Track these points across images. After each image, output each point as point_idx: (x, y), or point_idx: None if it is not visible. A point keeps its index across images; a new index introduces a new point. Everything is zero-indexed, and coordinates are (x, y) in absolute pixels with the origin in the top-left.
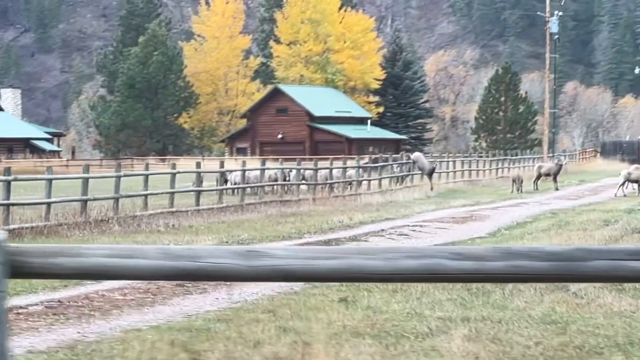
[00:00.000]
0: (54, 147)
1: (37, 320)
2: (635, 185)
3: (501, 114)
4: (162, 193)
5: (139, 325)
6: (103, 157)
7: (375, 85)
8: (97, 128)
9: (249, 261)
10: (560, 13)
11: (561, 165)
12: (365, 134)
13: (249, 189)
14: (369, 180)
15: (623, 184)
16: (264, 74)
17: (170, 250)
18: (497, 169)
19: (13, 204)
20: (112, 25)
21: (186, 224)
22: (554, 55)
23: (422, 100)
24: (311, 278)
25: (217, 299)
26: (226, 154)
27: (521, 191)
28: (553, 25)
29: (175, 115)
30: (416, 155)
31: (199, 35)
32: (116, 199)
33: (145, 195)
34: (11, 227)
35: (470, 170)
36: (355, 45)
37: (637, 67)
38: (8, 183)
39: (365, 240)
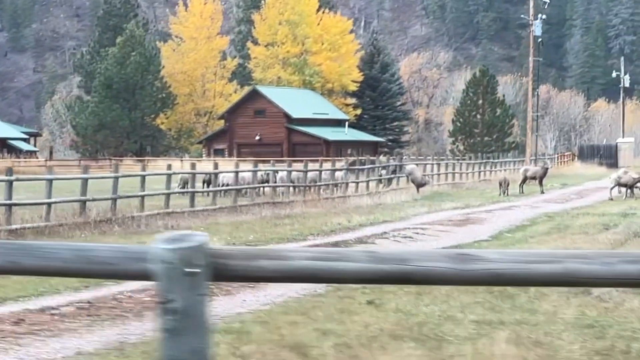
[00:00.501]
0: (31, 147)
1: (74, 321)
2: (623, 189)
3: (479, 116)
4: (159, 194)
5: None
6: (80, 157)
7: (353, 87)
8: (74, 128)
9: (462, 265)
10: (544, 16)
11: (547, 168)
12: (343, 136)
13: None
14: (357, 183)
15: (613, 187)
16: (241, 75)
17: (378, 253)
18: (479, 172)
19: (15, 204)
20: (85, 25)
21: (184, 225)
22: (538, 59)
23: (399, 103)
24: (524, 282)
25: (244, 300)
26: (204, 155)
27: (507, 194)
28: (537, 29)
29: (153, 116)
30: (411, 168)
31: (176, 36)
32: (114, 200)
33: (142, 197)
34: (13, 227)
35: (454, 173)
36: (333, 47)
37: (613, 70)
38: (10, 183)
39: (372, 243)
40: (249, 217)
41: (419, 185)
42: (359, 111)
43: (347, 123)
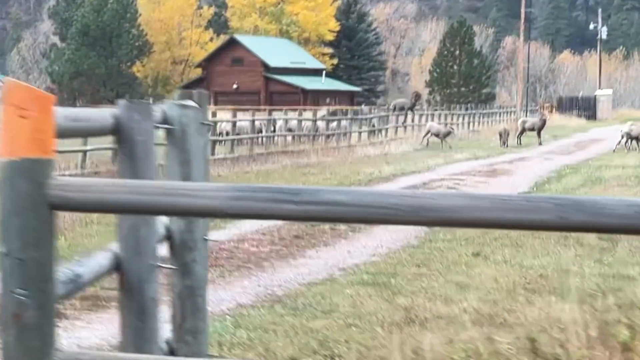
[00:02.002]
0: None
1: None
2: (622, 141)
3: (455, 67)
4: None
5: (308, 279)
6: (60, 104)
7: (330, 37)
8: (50, 75)
9: None
10: None
11: (545, 120)
12: (320, 86)
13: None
14: (359, 133)
15: (625, 141)
16: (217, 23)
17: None
18: (469, 122)
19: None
20: None
21: (214, 172)
22: (530, 10)
23: (375, 53)
24: None
25: (348, 251)
26: None
27: (507, 145)
28: None
29: (129, 63)
30: (430, 125)
31: None
32: None
33: None
34: None
35: (446, 123)
36: None
37: (591, 22)
38: None
39: None
40: (271, 166)
41: (445, 135)
42: (335, 61)
43: (324, 72)
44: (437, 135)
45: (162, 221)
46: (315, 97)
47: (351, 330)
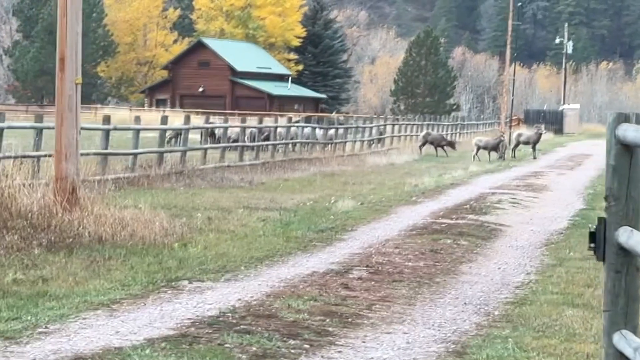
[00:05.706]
0: None
1: (393, 286)
2: None
3: (421, 77)
4: (218, 147)
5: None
6: (20, 103)
7: (296, 42)
8: (14, 73)
9: None
10: None
11: (541, 134)
12: (286, 91)
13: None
14: (362, 141)
15: None
16: (181, 26)
17: None
18: (452, 133)
19: (110, 154)
20: None
21: (257, 179)
22: (518, 23)
23: (340, 60)
24: None
25: (506, 263)
26: (146, 105)
27: (504, 159)
28: None
29: (94, 63)
30: (477, 140)
31: None
32: (184, 152)
33: (205, 149)
34: (109, 177)
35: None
36: (277, 1)
37: (557, 37)
38: (107, 132)
39: (501, 208)
40: (302, 174)
41: (495, 146)
42: (300, 67)
43: (290, 78)
44: (485, 147)
45: None
46: (282, 103)
47: None
